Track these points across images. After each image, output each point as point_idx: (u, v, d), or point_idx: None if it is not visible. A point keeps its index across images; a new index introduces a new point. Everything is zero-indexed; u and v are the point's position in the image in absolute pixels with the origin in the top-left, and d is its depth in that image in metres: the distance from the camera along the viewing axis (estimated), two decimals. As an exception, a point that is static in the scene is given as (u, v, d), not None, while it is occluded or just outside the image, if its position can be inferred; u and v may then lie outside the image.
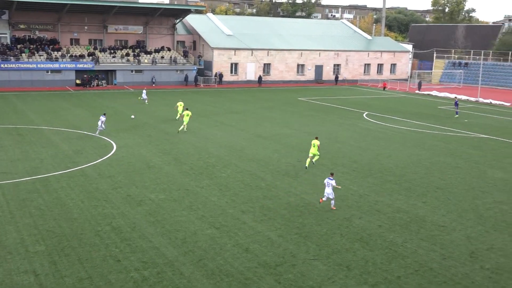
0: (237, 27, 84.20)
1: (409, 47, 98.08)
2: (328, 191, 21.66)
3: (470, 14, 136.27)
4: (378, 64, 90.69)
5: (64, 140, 34.19)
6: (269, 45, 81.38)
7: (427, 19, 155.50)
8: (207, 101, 54.74)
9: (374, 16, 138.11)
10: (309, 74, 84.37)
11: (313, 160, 29.04)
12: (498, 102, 63.59)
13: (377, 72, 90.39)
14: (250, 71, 79.32)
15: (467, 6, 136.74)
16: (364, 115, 49.69)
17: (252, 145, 34.31)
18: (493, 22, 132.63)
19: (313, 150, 28.56)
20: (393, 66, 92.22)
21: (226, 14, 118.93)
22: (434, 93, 72.16)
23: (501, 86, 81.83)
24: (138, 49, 74.43)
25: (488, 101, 64.48)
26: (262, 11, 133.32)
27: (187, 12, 77.89)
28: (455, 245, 18.60)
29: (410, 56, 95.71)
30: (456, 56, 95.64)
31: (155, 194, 23.35)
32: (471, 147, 36.06)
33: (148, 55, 73.64)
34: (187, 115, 37.99)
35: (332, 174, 22.31)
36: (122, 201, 22.25)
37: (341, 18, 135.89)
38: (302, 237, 18.86)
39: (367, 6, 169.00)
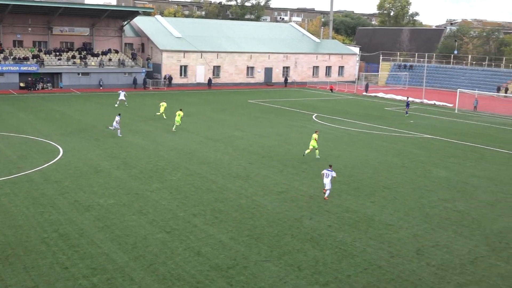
0: (186, 30, 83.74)
1: (356, 50, 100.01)
2: (327, 182, 23.21)
3: (414, 18, 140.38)
4: (327, 67, 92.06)
5: (8, 145, 33.09)
6: (218, 48, 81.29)
7: (373, 22, 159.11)
8: (156, 104, 54.02)
9: (322, 19, 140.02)
10: (259, 77, 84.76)
11: (315, 152, 31.42)
12: (441, 103, 65.70)
13: (326, 75, 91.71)
14: (199, 74, 79.00)
15: (411, 10, 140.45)
16: (313, 117, 50.32)
17: (202, 148, 34.17)
18: (436, 26, 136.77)
19: (313, 143, 30.83)
20: (341, 68, 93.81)
21: (175, 16, 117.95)
22: (380, 94, 73.89)
23: (444, 88, 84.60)
24: (85, 52, 72.86)
25: (432, 102, 66.53)
26: (211, 14, 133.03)
27: (135, 14, 76.88)
28: (402, 243, 19.09)
29: (357, 58, 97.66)
30: (401, 58, 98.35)
31: (104, 199, 22.91)
32: (416, 147, 37.09)
33: (95, 58, 72.21)
34: (179, 115, 39.49)
35: (330, 166, 23.98)
36: (70, 207, 21.73)
37: (290, 21, 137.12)
38: (254, 239, 18.92)
39: (315, 9, 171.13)
